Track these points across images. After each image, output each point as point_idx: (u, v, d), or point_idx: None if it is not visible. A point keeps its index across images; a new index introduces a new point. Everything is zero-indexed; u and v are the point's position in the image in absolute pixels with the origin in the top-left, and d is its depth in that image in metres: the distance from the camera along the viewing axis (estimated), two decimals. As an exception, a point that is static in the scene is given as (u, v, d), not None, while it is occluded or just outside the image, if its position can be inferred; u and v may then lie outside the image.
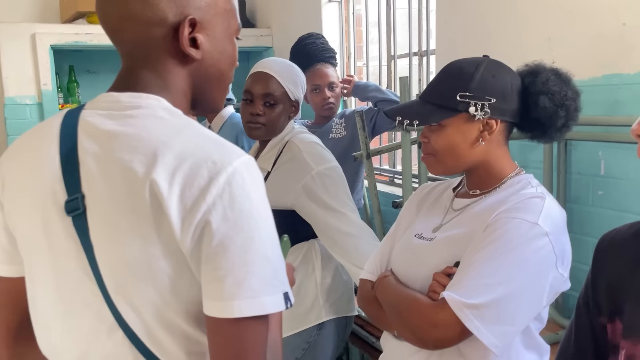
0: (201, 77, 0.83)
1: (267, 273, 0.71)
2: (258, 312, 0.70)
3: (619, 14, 1.71)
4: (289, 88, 1.69)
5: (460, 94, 1.09)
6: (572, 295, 1.96)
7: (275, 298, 0.72)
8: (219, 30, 0.82)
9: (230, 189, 0.70)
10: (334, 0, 3.35)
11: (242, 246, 0.70)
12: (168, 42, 0.79)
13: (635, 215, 1.74)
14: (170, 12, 0.77)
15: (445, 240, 1.15)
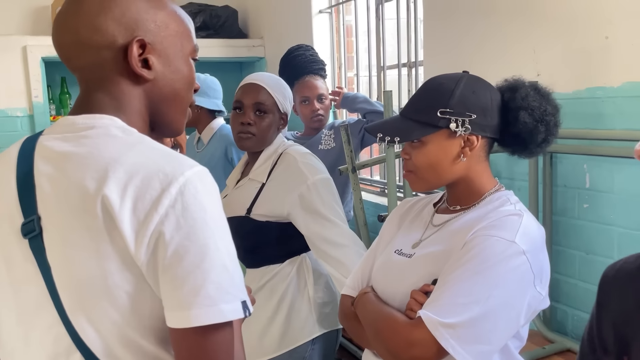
0: (156, 97, 0.84)
1: (224, 281, 0.71)
2: (217, 319, 0.70)
3: (601, 28, 1.71)
4: (279, 99, 1.70)
5: (441, 111, 1.08)
6: (560, 309, 1.96)
7: (234, 305, 0.71)
8: (172, 52, 0.84)
9: (183, 198, 0.71)
10: (324, 11, 3.36)
11: (198, 255, 0.70)
12: (119, 64, 0.81)
13: (620, 228, 1.74)
14: (119, 35, 0.80)
15: (423, 257, 1.14)
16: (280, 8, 3.71)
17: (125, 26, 0.80)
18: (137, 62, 0.80)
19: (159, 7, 0.83)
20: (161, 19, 0.83)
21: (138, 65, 0.80)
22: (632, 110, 1.65)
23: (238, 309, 0.72)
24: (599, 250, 1.80)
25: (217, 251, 0.71)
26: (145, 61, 0.81)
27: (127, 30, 0.80)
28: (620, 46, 1.67)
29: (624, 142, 1.67)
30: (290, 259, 1.68)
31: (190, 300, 0.69)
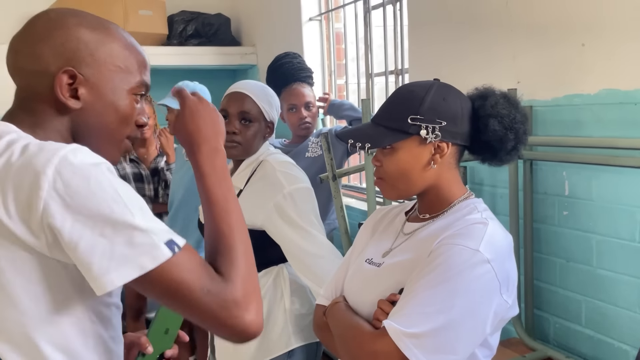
0: (81, 126, 0.87)
1: (133, 237, 0.74)
2: (138, 272, 0.74)
3: (578, 35, 1.71)
4: (264, 108, 1.70)
5: (412, 117, 1.08)
6: (542, 317, 1.95)
7: (154, 253, 0.75)
8: (108, 86, 0.87)
9: (61, 177, 0.73)
10: (314, 18, 3.37)
11: (94, 226, 0.73)
12: (48, 91, 0.84)
13: (599, 236, 1.73)
14: (52, 64, 0.84)
15: (392, 267, 1.14)
16: (271, 16, 3.73)
17: (60, 56, 0.84)
18: (63, 91, 0.84)
19: (103, 42, 0.87)
20: (101, 54, 0.86)
21: (64, 95, 0.84)
22: (609, 117, 1.65)
23: (159, 254, 0.75)
24: (579, 258, 1.80)
25: (114, 213, 0.74)
26: (76, 90, 0.85)
27: (60, 60, 0.84)
28: (596, 53, 1.67)
29: (602, 150, 1.67)
30: (267, 269, 1.67)
31: (105, 264, 0.73)
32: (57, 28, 0.85)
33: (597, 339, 1.77)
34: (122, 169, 2.94)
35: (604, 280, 1.73)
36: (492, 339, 1.13)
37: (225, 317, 0.79)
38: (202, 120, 0.95)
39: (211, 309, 0.78)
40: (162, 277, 0.75)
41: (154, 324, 0.98)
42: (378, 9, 2.86)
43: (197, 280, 0.77)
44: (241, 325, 0.79)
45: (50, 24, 0.86)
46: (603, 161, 1.66)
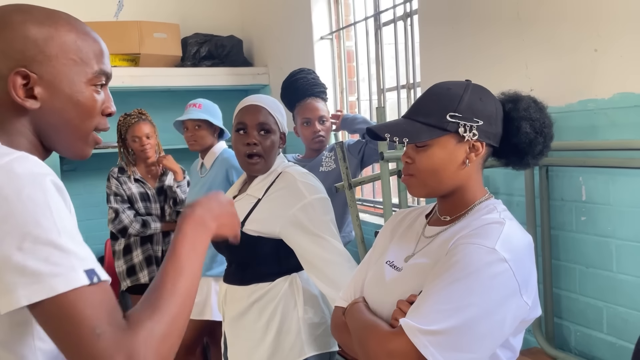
0: (44, 125, 0.86)
1: (51, 256, 0.70)
2: (47, 294, 0.69)
3: (590, 41, 1.73)
4: (279, 119, 1.73)
5: (451, 114, 1.08)
6: (563, 325, 1.93)
7: (69, 276, 0.70)
8: (64, 81, 0.85)
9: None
10: (325, 37, 3.43)
11: (15, 236, 0.70)
12: (4, 94, 0.83)
13: (619, 240, 1.72)
14: (3, 66, 0.82)
15: (412, 269, 1.13)
16: (283, 36, 3.79)
17: (10, 57, 0.82)
18: (18, 92, 0.82)
19: (52, 36, 0.85)
20: (53, 50, 0.84)
21: (19, 95, 0.83)
22: (624, 121, 1.66)
23: (74, 279, 0.71)
24: (599, 263, 1.78)
25: (39, 228, 0.71)
26: (32, 90, 0.83)
27: (11, 61, 0.82)
28: (609, 58, 1.69)
29: (618, 152, 1.67)
30: (280, 277, 1.68)
31: (15, 280, 0.69)
32: (2, 28, 0.83)
33: (619, 346, 1.74)
34: (128, 189, 2.97)
35: (625, 285, 1.71)
36: (515, 340, 1.11)
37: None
38: (215, 202, 0.97)
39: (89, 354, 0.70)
40: (65, 305, 0.70)
41: None
42: (389, 25, 2.91)
43: (96, 319, 0.71)
44: None
45: None
46: (619, 164, 1.66)
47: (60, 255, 0.71)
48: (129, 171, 2.98)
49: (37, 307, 0.70)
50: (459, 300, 0.99)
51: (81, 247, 0.74)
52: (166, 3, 4.07)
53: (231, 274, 1.75)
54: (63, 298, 0.70)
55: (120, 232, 2.90)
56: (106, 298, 0.74)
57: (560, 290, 1.92)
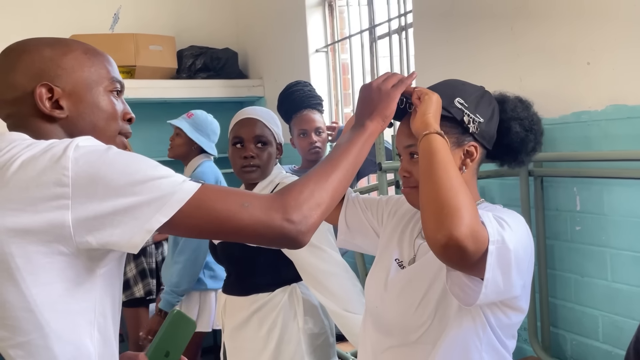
0: (74, 130, 0.94)
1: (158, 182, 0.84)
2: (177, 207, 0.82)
3: (583, 54, 1.77)
4: (274, 130, 1.75)
5: (459, 100, 1.11)
6: (559, 334, 1.94)
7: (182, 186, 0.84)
8: (84, 90, 0.94)
9: (81, 153, 0.83)
10: (321, 50, 3.46)
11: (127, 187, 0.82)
12: (34, 109, 0.91)
13: (613, 249, 1.75)
14: (27, 85, 0.91)
15: (419, 272, 1.14)
16: (278, 49, 3.82)
17: (32, 76, 0.91)
18: (45, 104, 0.91)
19: (64, 53, 0.94)
20: (67, 63, 0.93)
21: (47, 106, 0.91)
22: (617, 132, 1.69)
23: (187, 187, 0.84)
24: (594, 272, 1.81)
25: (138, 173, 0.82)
26: (57, 102, 0.92)
27: (34, 79, 0.91)
28: (602, 71, 1.73)
29: (611, 163, 1.70)
30: (280, 288, 1.68)
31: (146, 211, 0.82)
32: (21, 53, 0.92)
33: (615, 354, 1.76)
34: None
35: (620, 294, 1.73)
36: (510, 343, 1.12)
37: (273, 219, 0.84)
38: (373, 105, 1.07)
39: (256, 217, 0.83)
40: (199, 205, 0.82)
41: (154, 344, 0.98)
42: (384, 38, 2.94)
43: (235, 198, 0.84)
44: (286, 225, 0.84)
45: (13, 53, 0.93)
46: (613, 174, 1.69)
47: (167, 180, 0.83)
48: None
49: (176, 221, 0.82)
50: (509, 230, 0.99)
51: (171, 171, 0.86)
52: (162, 16, 4.09)
53: (231, 284, 1.75)
54: (193, 202, 0.82)
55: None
56: (222, 187, 0.88)
57: (556, 299, 1.94)
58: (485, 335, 1.06)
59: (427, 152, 1.01)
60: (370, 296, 1.22)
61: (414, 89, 1.11)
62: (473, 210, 0.95)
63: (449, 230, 0.90)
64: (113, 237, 0.80)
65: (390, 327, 1.16)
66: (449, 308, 1.07)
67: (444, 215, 0.92)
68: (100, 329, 0.88)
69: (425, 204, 0.98)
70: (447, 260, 0.95)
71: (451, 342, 1.06)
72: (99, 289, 0.87)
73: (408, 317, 1.11)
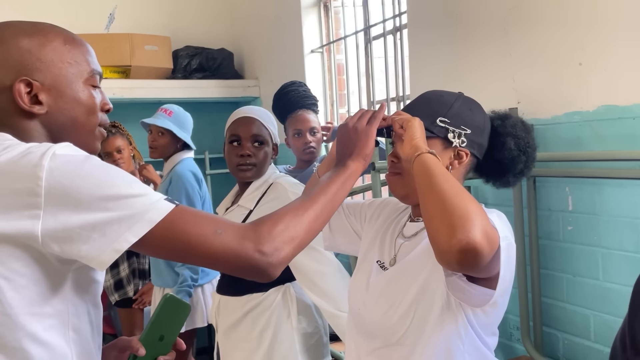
0: (54, 126, 0.92)
1: (132, 201, 0.82)
2: (148, 227, 0.81)
3: (575, 55, 1.78)
4: (271, 130, 1.75)
5: (441, 119, 1.11)
6: (551, 333, 1.95)
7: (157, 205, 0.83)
8: (63, 84, 0.91)
9: (57, 162, 0.81)
10: (316, 50, 3.47)
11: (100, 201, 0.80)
12: (12, 104, 0.88)
13: (605, 249, 1.76)
14: (6, 79, 0.88)
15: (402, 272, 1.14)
16: (273, 49, 3.83)
17: (10, 69, 0.88)
18: (24, 100, 0.88)
19: (43, 44, 0.90)
20: (46, 56, 0.90)
21: (26, 102, 0.88)
22: (608, 132, 1.70)
23: (162, 206, 0.83)
24: (585, 272, 1.82)
25: (111, 189, 0.81)
26: (36, 96, 0.89)
27: (12, 72, 0.88)
28: (593, 72, 1.74)
29: (603, 163, 1.71)
30: (274, 287, 1.69)
31: (117, 229, 0.80)
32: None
33: (606, 353, 1.77)
34: None
35: (612, 294, 1.74)
36: (492, 340, 1.12)
37: (244, 248, 0.82)
38: (357, 147, 1.08)
39: (227, 245, 0.82)
40: (171, 227, 0.80)
41: (147, 329, 0.98)
42: (378, 39, 2.95)
43: (208, 224, 0.82)
44: (257, 256, 0.83)
45: None
46: (604, 174, 1.70)
47: (141, 199, 0.81)
48: None
49: (146, 241, 0.80)
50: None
51: (148, 188, 0.84)
52: (157, 16, 4.09)
53: (224, 284, 1.75)
54: (165, 223, 0.80)
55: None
56: (196, 210, 0.86)
57: (548, 298, 1.95)
58: (467, 336, 1.06)
59: (423, 170, 1.01)
60: (353, 299, 1.23)
61: (393, 119, 1.11)
62: (482, 211, 0.94)
63: (464, 234, 0.89)
64: (81, 252, 0.79)
65: (372, 329, 1.16)
66: (430, 309, 1.07)
67: (455, 220, 0.91)
68: (76, 328, 0.87)
69: (432, 215, 0.96)
70: (463, 264, 0.92)
71: (434, 345, 1.06)
72: (71, 290, 0.86)
73: (387, 318, 1.11)
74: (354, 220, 1.35)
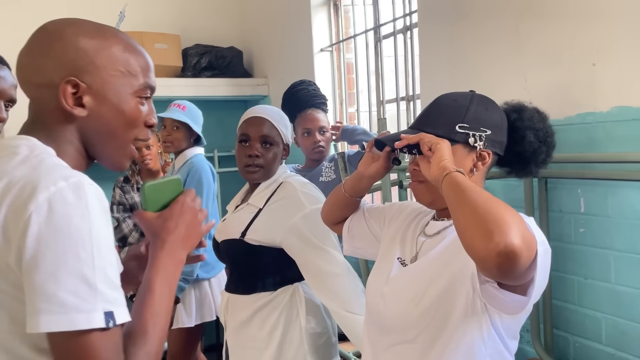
0: (90, 133, 0.90)
1: (82, 291, 0.73)
2: (66, 327, 0.72)
3: (588, 55, 1.76)
4: (282, 131, 1.75)
5: (460, 125, 1.10)
6: (561, 336, 1.94)
7: (90, 315, 0.73)
8: (111, 92, 0.89)
9: (50, 206, 0.74)
10: (325, 49, 3.46)
11: (54, 262, 0.73)
12: (54, 101, 0.87)
13: (617, 252, 1.74)
14: (55, 75, 0.86)
15: (421, 267, 1.14)
16: (283, 48, 3.82)
17: (62, 66, 0.86)
18: (68, 100, 0.86)
19: (102, 47, 0.88)
20: (102, 60, 0.88)
21: (69, 103, 0.87)
22: (622, 134, 1.68)
23: (94, 319, 0.73)
24: (597, 275, 1.80)
25: (77, 261, 0.73)
26: (80, 98, 0.87)
27: (63, 71, 0.86)
28: (607, 72, 1.72)
29: (616, 165, 1.69)
30: (283, 287, 1.68)
31: (41, 306, 0.72)
32: (56, 39, 0.87)
33: (618, 357, 1.75)
34: (130, 198, 2.97)
35: (624, 297, 1.72)
36: (512, 344, 1.12)
37: None
38: (183, 223, 0.95)
39: None
40: (81, 343, 0.73)
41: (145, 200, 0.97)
42: (388, 38, 2.94)
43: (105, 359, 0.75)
44: None
45: (49, 36, 0.87)
46: (618, 176, 1.68)
47: (89, 292, 0.74)
48: (132, 180, 3.00)
49: (54, 336, 0.74)
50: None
51: (110, 286, 0.76)
52: (167, 14, 4.10)
53: (233, 283, 1.75)
54: (80, 335, 0.73)
55: (120, 241, 2.91)
56: (118, 341, 0.78)
57: (559, 301, 1.93)
58: (490, 339, 1.06)
59: (453, 187, 0.99)
60: (371, 294, 1.22)
61: (421, 139, 1.08)
62: (518, 216, 0.91)
63: (501, 237, 0.85)
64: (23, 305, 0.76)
65: (389, 324, 1.16)
66: (452, 310, 1.06)
67: (490, 225, 0.87)
68: None
69: (466, 224, 0.92)
70: (502, 269, 0.88)
71: (455, 346, 1.06)
72: None
73: (407, 313, 1.11)
74: (373, 223, 1.35)
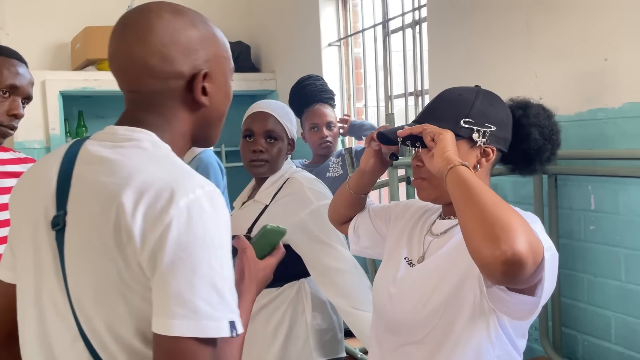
0: (206, 120, 0.91)
1: (212, 299, 0.74)
2: (198, 334, 0.72)
3: (600, 50, 1.74)
4: (287, 126, 1.74)
5: (465, 120, 1.09)
6: (570, 334, 1.92)
7: (218, 324, 0.74)
8: (222, 78, 0.91)
9: (188, 213, 0.74)
10: (333, 44, 3.44)
11: (191, 269, 0.73)
12: (182, 93, 0.87)
13: (628, 250, 1.72)
14: (185, 66, 0.86)
15: (429, 267, 1.13)
16: (291, 42, 3.81)
17: (189, 58, 0.86)
18: (200, 91, 0.87)
19: (212, 36, 0.90)
20: (214, 50, 0.89)
21: (201, 94, 0.87)
22: (633, 130, 1.66)
23: (222, 328, 0.74)
24: (607, 273, 1.78)
25: (210, 269, 0.74)
26: (204, 89, 0.88)
27: (191, 61, 0.86)
28: (619, 68, 1.69)
29: (627, 162, 1.67)
30: (289, 283, 1.68)
31: (176, 310, 0.72)
32: (173, 30, 0.85)
33: (627, 355, 1.74)
34: None
35: (634, 295, 1.70)
36: (521, 342, 1.11)
37: None
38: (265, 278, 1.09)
39: None
40: (205, 350, 0.73)
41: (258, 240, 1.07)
42: (397, 33, 2.92)
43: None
44: None
45: (165, 26, 0.85)
46: (629, 173, 1.66)
47: (219, 301, 0.75)
48: None
49: (174, 340, 0.73)
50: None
51: (234, 296, 0.78)
52: (175, 8, 4.10)
53: (239, 279, 1.75)
54: (206, 342, 0.74)
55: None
56: (234, 352, 0.83)
57: (568, 299, 1.91)
58: (498, 340, 1.04)
59: (457, 182, 0.97)
60: (378, 294, 1.21)
61: (424, 130, 1.07)
62: (525, 222, 0.90)
63: (508, 245, 0.84)
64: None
65: (397, 324, 1.15)
66: (460, 311, 1.05)
67: (497, 231, 0.86)
68: None
69: (472, 227, 0.90)
70: (507, 276, 0.86)
71: (463, 347, 1.05)
72: None
73: (415, 313, 1.10)
74: (379, 222, 1.34)
